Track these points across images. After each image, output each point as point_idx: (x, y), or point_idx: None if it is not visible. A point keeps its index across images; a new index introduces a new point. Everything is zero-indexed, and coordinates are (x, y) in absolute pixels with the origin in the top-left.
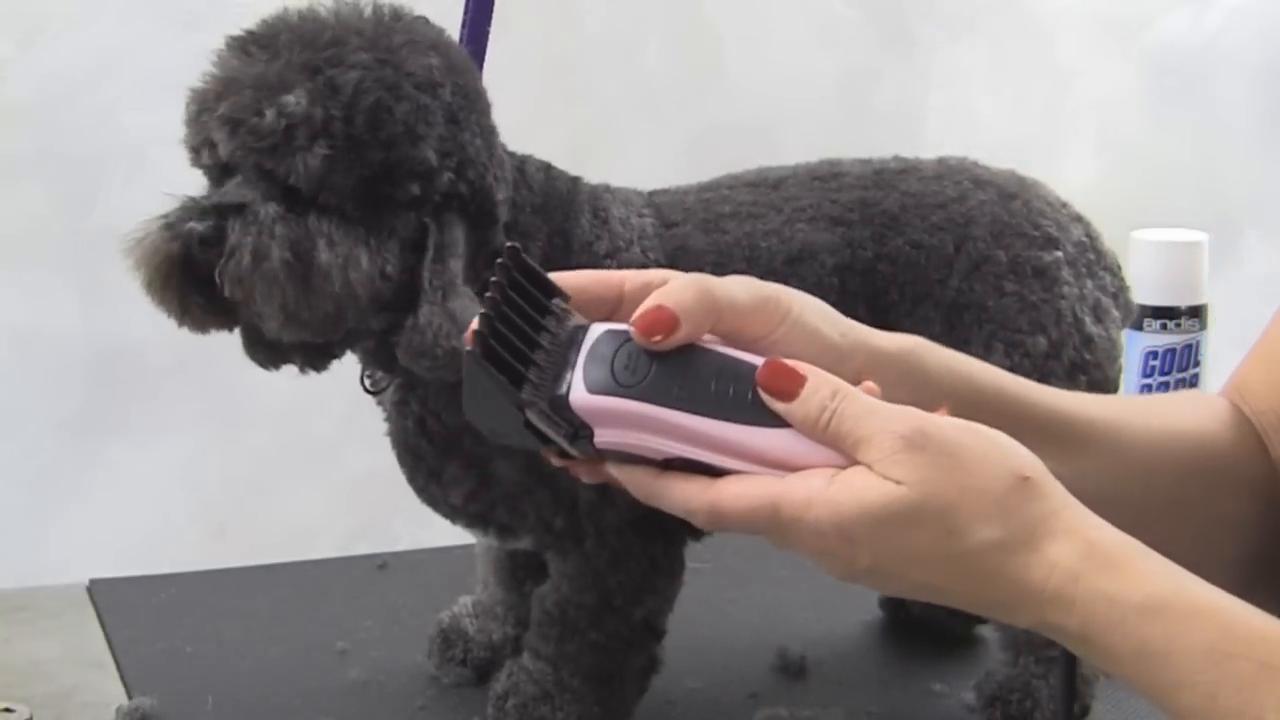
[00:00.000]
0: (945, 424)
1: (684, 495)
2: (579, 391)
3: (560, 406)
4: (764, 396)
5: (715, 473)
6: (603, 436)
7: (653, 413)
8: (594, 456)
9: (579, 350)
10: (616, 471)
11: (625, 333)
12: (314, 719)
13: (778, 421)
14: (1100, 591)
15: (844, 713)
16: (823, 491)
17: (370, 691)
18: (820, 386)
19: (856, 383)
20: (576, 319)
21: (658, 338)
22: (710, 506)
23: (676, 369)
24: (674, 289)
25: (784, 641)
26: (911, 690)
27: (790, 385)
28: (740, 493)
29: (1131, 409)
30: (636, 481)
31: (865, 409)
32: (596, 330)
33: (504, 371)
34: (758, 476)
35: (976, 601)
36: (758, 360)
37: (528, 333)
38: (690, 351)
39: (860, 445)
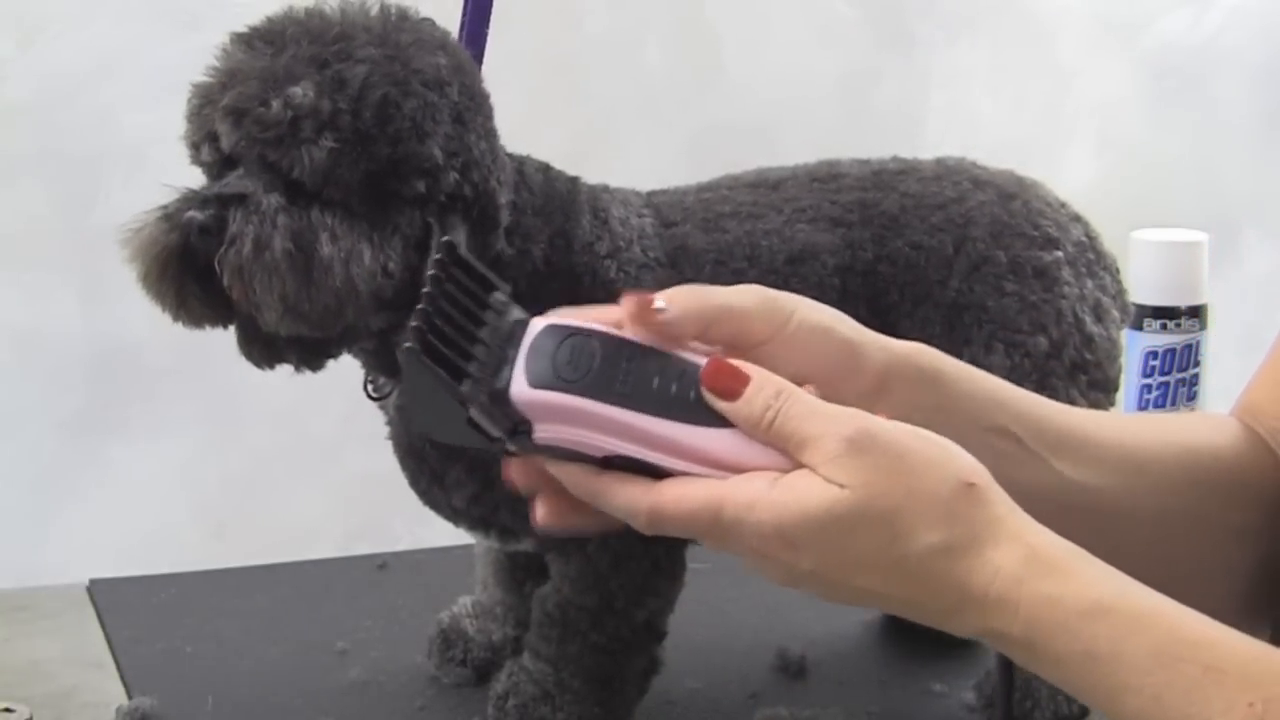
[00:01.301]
0: (890, 426)
1: (626, 497)
2: (519, 385)
3: (500, 400)
4: (707, 395)
5: (657, 474)
6: (542, 432)
7: (594, 408)
8: (533, 452)
9: (519, 344)
10: (554, 469)
11: (568, 328)
12: (314, 719)
13: (722, 422)
14: (1045, 595)
15: (844, 713)
16: (766, 494)
17: (370, 691)
18: (764, 386)
19: (880, 388)
20: (517, 313)
21: (646, 316)
22: (652, 508)
23: (620, 366)
24: (671, 289)
25: (784, 641)
26: (911, 690)
27: (734, 384)
28: (682, 495)
29: (1144, 425)
30: (575, 480)
31: (809, 409)
32: (538, 325)
33: (443, 366)
34: (700, 479)
35: (920, 608)
36: (702, 360)
37: (467, 327)
38: (635, 349)
39: (804, 446)
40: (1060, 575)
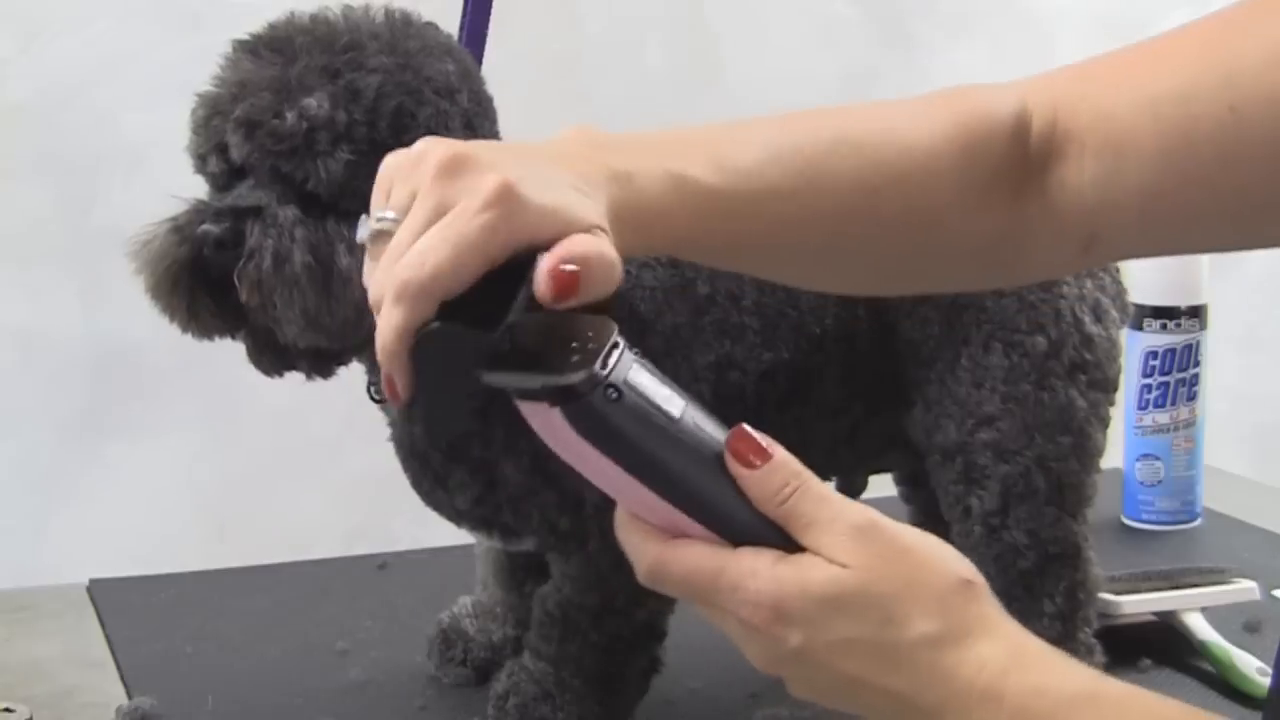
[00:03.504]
0: (896, 523)
1: (639, 540)
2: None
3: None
4: (729, 459)
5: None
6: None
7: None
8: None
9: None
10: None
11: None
12: (314, 719)
13: (733, 490)
14: (1031, 685)
15: (844, 714)
16: (769, 567)
17: (370, 691)
18: (786, 464)
19: None
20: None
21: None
22: (656, 559)
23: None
24: (579, 251)
25: None
26: None
27: (756, 455)
28: (687, 553)
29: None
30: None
31: (823, 496)
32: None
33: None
34: (708, 544)
35: (903, 703)
36: (720, 434)
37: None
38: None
39: (811, 528)
40: (1045, 667)
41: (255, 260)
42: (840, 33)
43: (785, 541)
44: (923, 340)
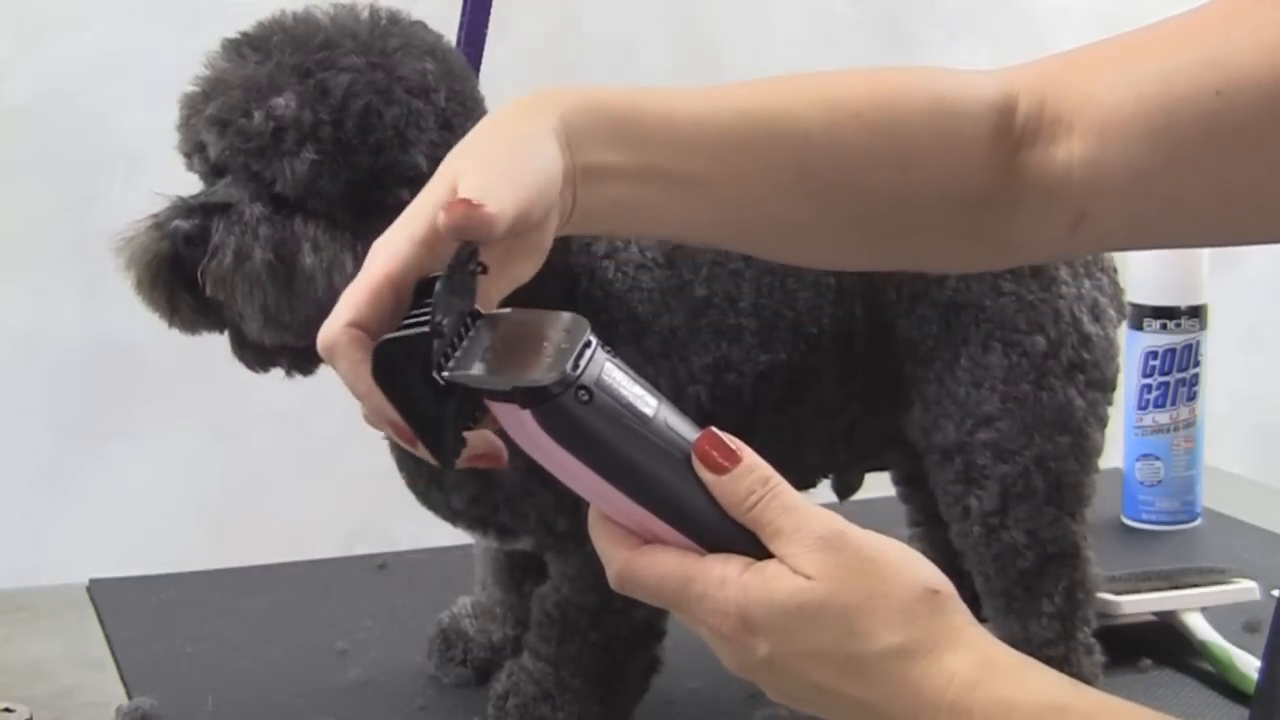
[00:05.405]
0: (863, 532)
1: (609, 542)
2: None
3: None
4: (696, 463)
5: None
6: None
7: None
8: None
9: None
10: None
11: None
12: (314, 719)
13: (702, 493)
14: (1000, 698)
15: None
16: (736, 576)
17: (370, 691)
18: (754, 469)
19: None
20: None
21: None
22: (625, 563)
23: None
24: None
25: None
26: None
27: (724, 460)
28: (657, 560)
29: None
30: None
31: (790, 504)
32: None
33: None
34: (678, 551)
35: (872, 712)
36: (693, 435)
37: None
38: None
39: (778, 536)
40: (1015, 679)
41: (218, 257)
42: (840, 33)
43: (756, 546)
44: (921, 340)
